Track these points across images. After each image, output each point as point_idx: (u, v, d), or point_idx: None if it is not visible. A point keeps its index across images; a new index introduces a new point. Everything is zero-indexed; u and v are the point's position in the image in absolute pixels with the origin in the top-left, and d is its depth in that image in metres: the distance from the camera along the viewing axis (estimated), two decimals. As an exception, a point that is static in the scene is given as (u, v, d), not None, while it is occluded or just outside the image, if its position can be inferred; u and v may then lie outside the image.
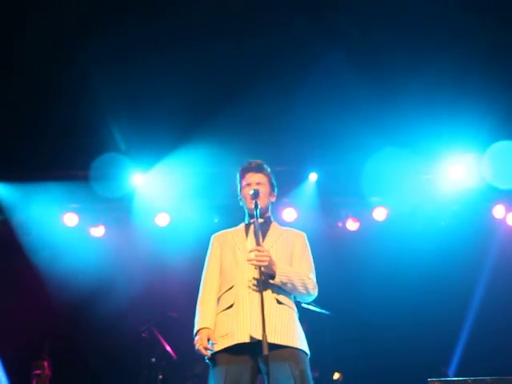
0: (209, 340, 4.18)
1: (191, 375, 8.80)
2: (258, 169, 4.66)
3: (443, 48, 7.79)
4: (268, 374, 3.88)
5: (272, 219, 4.74)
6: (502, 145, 8.64)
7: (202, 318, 4.31)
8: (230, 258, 4.47)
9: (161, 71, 7.88)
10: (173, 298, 9.26)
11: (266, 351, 3.82)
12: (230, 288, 4.33)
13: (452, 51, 7.72)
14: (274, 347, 4.00)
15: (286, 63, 8.08)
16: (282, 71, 8.10)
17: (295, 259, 4.51)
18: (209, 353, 4.15)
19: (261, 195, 4.51)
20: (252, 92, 7.96)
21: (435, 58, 7.84)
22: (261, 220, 4.52)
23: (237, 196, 4.78)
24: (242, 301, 4.21)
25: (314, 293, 4.44)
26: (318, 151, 9.02)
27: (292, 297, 4.42)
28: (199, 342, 4.18)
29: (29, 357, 8.91)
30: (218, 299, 4.40)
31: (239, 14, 7.54)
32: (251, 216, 4.59)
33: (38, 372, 8.72)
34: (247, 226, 4.65)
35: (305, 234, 4.71)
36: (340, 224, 9.88)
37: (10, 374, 9.21)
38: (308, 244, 4.65)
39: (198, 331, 4.27)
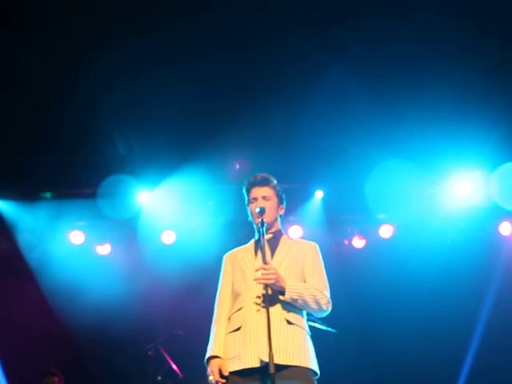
0: (220, 371, 4.13)
1: (197, 393, 8.78)
2: (264, 182, 4.55)
3: (450, 64, 7.79)
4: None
5: (282, 232, 4.66)
6: (510, 166, 8.65)
7: (213, 344, 4.27)
8: (239, 278, 4.42)
9: (166, 89, 7.90)
10: (179, 316, 9.25)
11: (272, 369, 3.80)
12: (239, 309, 4.29)
13: (459, 67, 7.73)
14: (283, 367, 3.99)
15: (290, 80, 8.10)
16: (286, 88, 8.11)
17: (307, 274, 4.41)
18: None
19: (267, 210, 4.42)
20: (257, 109, 7.99)
21: (442, 74, 7.84)
22: (269, 235, 4.47)
23: (245, 211, 4.69)
24: (250, 323, 4.16)
25: (328, 308, 4.34)
26: (323, 168, 9.01)
27: (303, 315, 4.35)
28: (211, 376, 4.15)
29: (36, 375, 8.92)
30: (229, 319, 4.36)
31: (242, 31, 7.56)
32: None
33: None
34: (257, 243, 4.55)
35: (316, 245, 4.59)
36: (346, 241, 9.86)
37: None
38: (320, 255, 4.54)
39: (208, 360, 4.23)
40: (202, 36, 7.56)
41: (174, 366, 8.50)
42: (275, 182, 4.63)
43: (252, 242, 4.64)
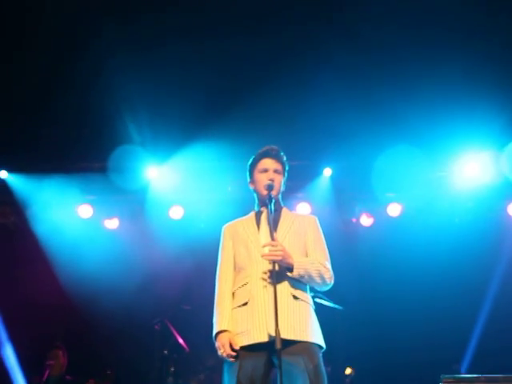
0: (231, 345, 4.13)
1: (203, 368, 8.84)
2: (277, 156, 4.55)
3: (457, 46, 7.75)
4: (281, 367, 3.83)
5: (282, 205, 4.63)
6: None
7: (220, 319, 4.25)
8: (243, 253, 4.39)
9: (176, 64, 7.89)
10: (186, 291, 9.30)
11: (278, 345, 3.80)
12: (245, 284, 4.28)
13: (466, 49, 7.68)
14: (289, 343, 4.00)
15: (300, 59, 8.08)
16: (296, 67, 8.09)
17: (309, 247, 4.42)
18: (234, 359, 4.10)
19: (276, 185, 4.44)
20: (267, 87, 7.97)
21: (450, 56, 7.81)
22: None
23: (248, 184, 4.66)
24: (257, 298, 4.16)
25: (331, 282, 4.36)
26: (332, 146, 8.99)
27: (308, 290, 4.36)
28: (222, 349, 4.13)
29: (43, 347, 9.00)
30: (233, 293, 4.35)
31: (255, 13, 7.54)
32: (262, 202, 4.50)
33: (51, 362, 8.81)
34: (257, 215, 4.54)
35: (316, 218, 4.60)
36: (354, 219, 9.87)
37: (24, 363, 9.30)
38: (320, 228, 4.54)
39: (217, 334, 4.21)
40: (217, 16, 7.55)
41: (181, 341, 8.55)
42: (285, 157, 4.62)
43: (252, 213, 4.61)
